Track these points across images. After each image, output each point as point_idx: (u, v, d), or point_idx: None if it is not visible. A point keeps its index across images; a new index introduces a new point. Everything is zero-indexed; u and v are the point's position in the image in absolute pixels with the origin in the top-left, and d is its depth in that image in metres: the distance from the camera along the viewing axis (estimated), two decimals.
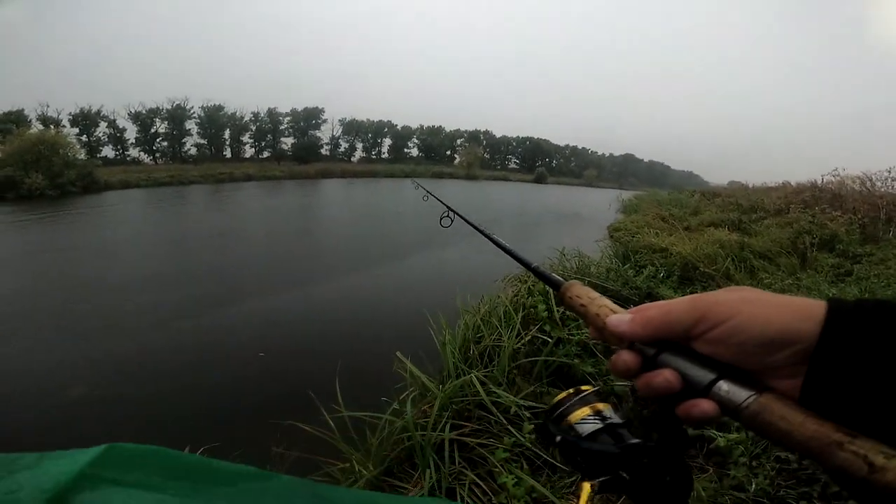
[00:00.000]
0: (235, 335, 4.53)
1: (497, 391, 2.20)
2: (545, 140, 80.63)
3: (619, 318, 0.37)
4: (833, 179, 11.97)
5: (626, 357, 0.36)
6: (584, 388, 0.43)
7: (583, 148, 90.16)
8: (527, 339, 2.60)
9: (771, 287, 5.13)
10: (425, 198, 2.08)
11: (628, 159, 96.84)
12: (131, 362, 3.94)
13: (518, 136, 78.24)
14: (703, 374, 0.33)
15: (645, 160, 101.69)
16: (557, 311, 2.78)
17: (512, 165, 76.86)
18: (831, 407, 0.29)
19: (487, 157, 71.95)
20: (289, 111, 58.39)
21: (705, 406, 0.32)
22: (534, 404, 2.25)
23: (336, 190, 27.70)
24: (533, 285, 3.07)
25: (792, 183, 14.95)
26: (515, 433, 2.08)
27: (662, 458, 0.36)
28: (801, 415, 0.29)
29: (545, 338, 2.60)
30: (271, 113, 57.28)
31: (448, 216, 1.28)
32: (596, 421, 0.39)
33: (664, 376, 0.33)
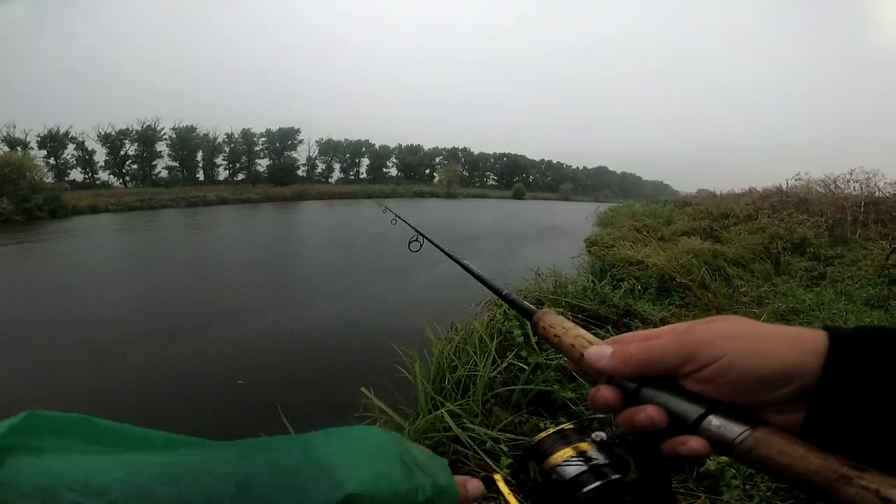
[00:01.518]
0: (198, 365, 4.25)
1: (471, 426, 2.05)
2: (522, 156, 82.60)
3: (599, 353, 0.35)
4: (797, 183, 12.50)
5: (605, 393, 0.34)
6: (565, 426, 0.41)
7: (558, 162, 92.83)
8: (503, 366, 2.47)
9: (747, 294, 5.15)
10: (394, 221, 1.95)
11: (602, 172, 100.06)
12: (100, 393, 3.70)
13: (495, 153, 79.99)
14: (691, 410, 0.31)
15: (618, 172, 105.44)
16: (534, 336, 2.68)
17: (490, 182, 78.17)
18: (835, 442, 0.27)
19: (466, 174, 72.93)
20: (263, 131, 58.01)
21: (694, 444, 0.30)
22: (512, 436, 2.11)
23: (312, 213, 27.24)
24: (508, 309, 2.96)
25: (758, 189, 15.41)
26: (494, 467, 1.95)
27: (644, 495, 0.34)
28: (801, 448, 0.27)
29: (522, 364, 2.48)
30: (245, 134, 56.83)
31: (417, 240, 1.23)
32: (580, 463, 0.36)
33: (647, 413, 0.31)
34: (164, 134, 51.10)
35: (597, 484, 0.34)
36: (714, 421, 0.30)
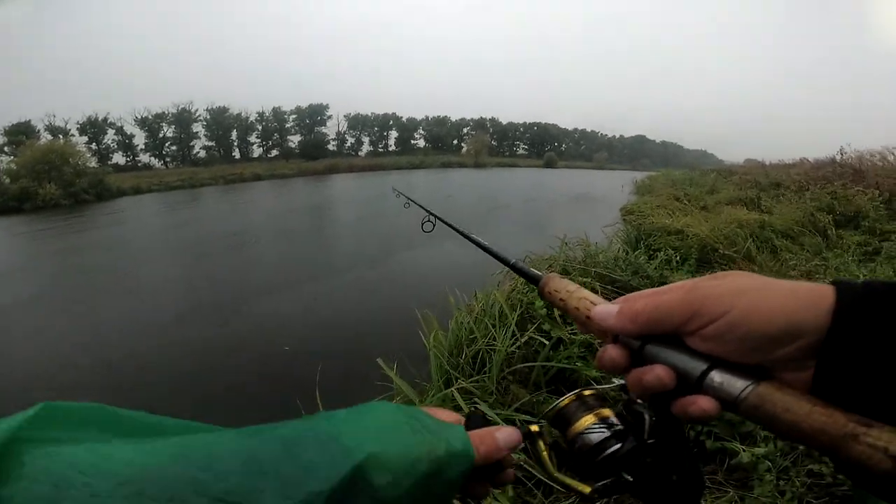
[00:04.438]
0: (231, 338, 4.39)
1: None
2: (553, 125, 79.39)
3: (606, 311, 0.35)
4: (853, 154, 11.43)
5: (612, 352, 0.34)
6: (586, 392, 0.41)
7: (592, 131, 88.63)
8: (523, 340, 2.30)
9: (796, 268, 4.76)
10: (407, 205, 1.83)
11: (640, 140, 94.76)
12: (149, 365, 3.90)
13: (525, 122, 77.25)
14: (694, 365, 0.30)
15: (657, 140, 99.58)
16: (541, 301, 2.47)
17: (520, 151, 75.92)
18: (844, 398, 0.26)
19: (495, 144, 71.12)
20: (293, 109, 58.50)
21: (703, 403, 0.29)
22: (529, 417, 1.97)
23: (344, 186, 27.48)
24: None
25: (809, 159, 14.37)
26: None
27: (665, 457, 0.35)
28: (807, 404, 0.26)
29: (543, 339, 2.29)
30: (276, 112, 57.54)
31: (430, 221, 1.21)
32: (602, 429, 0.38)
33: (655, 373, 0.31)
34: (199, 115, 52.60)
35: (617, 446, 0.35)
36: (717, 377, 0.29)
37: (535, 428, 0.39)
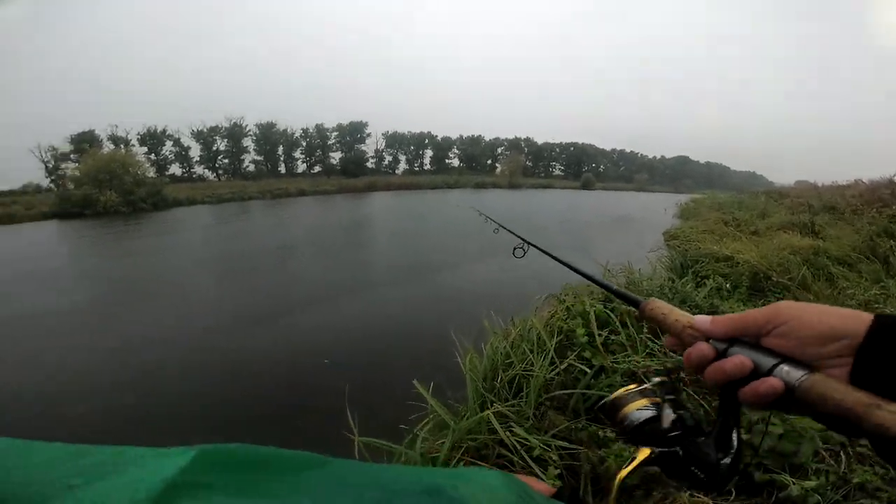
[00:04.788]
0: (267, 349, 4.50)
1: (519, 431, 1.87)
2: (590, 145, 78.34)
3: (704, 319, 0.44)
4: None
5: (702, 347, 0.42)
6: (647, 385, 0.49)
7: (631, 151, 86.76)
8: (562, 367, 2.24)
9: (854, 297, 4.44)
10: (496, 231, 1.86)
11: (682, 161, 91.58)
12: (190, 372, 4.06)
13: (561, 142, 76.67)
14: (768, 360, 0.39)
15: (701, 161, 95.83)
16: (600, 335, 2.39)
17: (556, 172, 75.20)
18: (876, 388, 0.34)
19: (530, 164, 70.86)
20: (335, 126, 61.05)
21: (772, 381, 0.37)
22: (567, 444, 1.90)
23: (385, 203, 28.09)
24: (571, 306, 2.69)
25: (864, 180, 13.54)
26: (541, 475, 1.75)
27: (717, 440, 0.42)
28: (844, 388, 0.34)
29: (584, 367, 2.22)
30: (319, 128, 60.23)
31: (522, 248, 1.22)
32: (650, 409, 0.47)
33: (737, 361, 0.39)
34: (249, 130, 55.83)
35: (673, 416, 0.45)
36: (784, 367, 0.37)
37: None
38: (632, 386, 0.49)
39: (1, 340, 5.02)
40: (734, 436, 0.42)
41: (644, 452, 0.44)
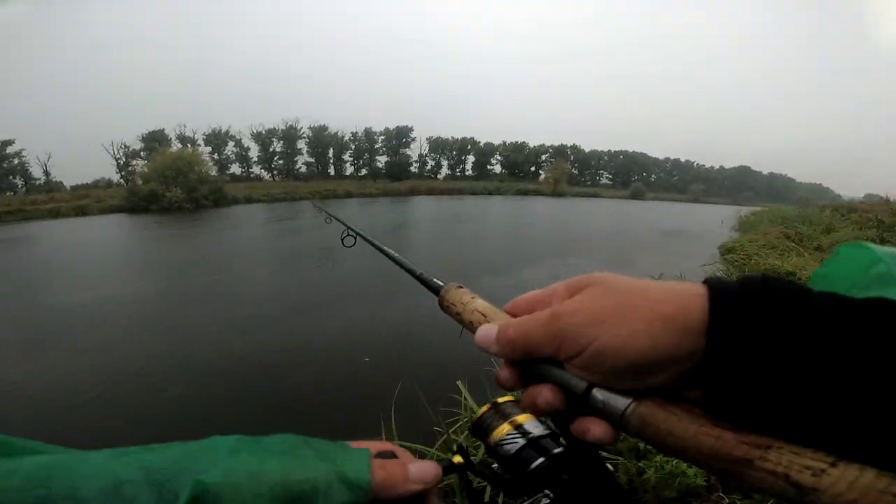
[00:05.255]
0: (318, 349, 4.68)
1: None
2: (641, 153, 75.51)
3: (487, 336, 0.33)
4: None
5: (504, 373, 0.32)
6: (500, 399, 0.39)
7: (686, 161, 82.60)
8: None
9: None
10: (328, 220, 1.80)
11: (743, 172, 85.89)
12: (234, 363, 4.24)
13: (610, 150, 74.44)
14: (577, 383, 0.28)
15: (764, 172, 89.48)
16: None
17: (604, 181, 73.00)
18: (738, 416, 0.23)
19: (576, 172, 69.23)
20: (382, 130, 62.88)
21: (595, 429, 0.28)
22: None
23: (424, 206, 28.51)
24: None
25: None
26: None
27: (580, 472, 0.33)
28: (692, 424, 0.24)
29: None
30: (367, 132, 62.29)
31: (350, 235, 1.21)
32: (517, 438, 0.36)
33: (544, 396, 0.30)
34: (303, 132, 58.78)
35: (540, 461, 0.34)
36: (598, 395, 0.27)
37: (457, 459, 0.36)
38: (489, 405, 0.39)
39: (80, 326, 5.55)
40: (598, 462, 0.33)
41: None
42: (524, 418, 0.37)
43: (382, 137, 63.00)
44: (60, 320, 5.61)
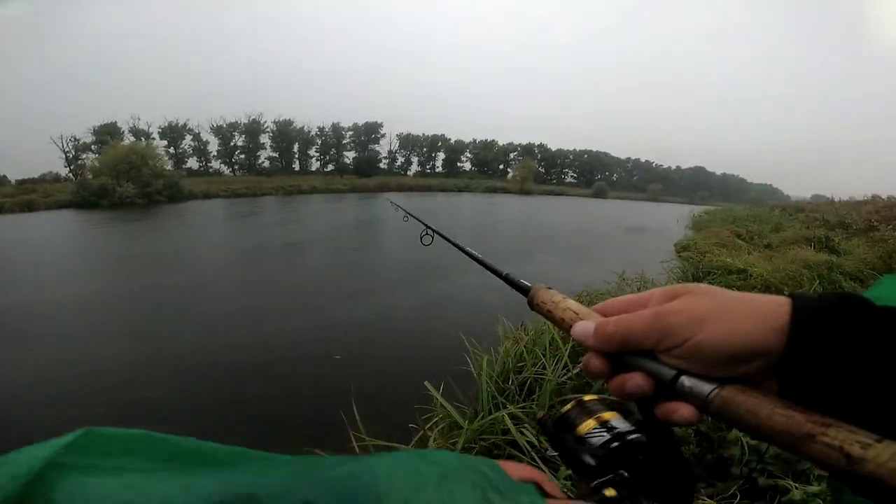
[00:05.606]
0: (281, 347, 4.55)
1: (531, 432, 1.90)
2: (605, 153, 77.93)
3: (584, 331, 0.37)
4: None
5: (595, 361, 0.36)
6: (586, 397, 0.42)
7: (646, 161, 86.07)
8: (574, 372, 2.27)
9: None
10: (405, 218, 1.79)
11: (699, 172, 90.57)
12: (188, 366, 4.06)
13: (575, 150, 76.35)
14: (666, 371, 0.32)
15: (718, 173, 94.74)
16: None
17: (569, 179, 74.84)
18: (809, 402, 0.28)
19: (542, 171, 70.61)
20: (350, 125, 61.68)
21: (682, 410, 0.32)
22: None
23: (397, 203, 28.16)
24: None
25: (883, 196, 13.78)
26: (552, 476, 1.79)
27: (655, 455, 0.36)
28: (768, 405, 0.28)
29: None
30: (335, 127, 60.89)
31: (428, 234, 1.25)
32: (603, 432, 0.38)
33: (636, 381, 0.33)
34: (267, 127, 56.70)
35: (617, 444, 0.36)
36: (686, 381, 0.31)
37: (610, 493, 0.38)
38: (574, 402, 0.42)
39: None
40: (673, 444, 0.37)
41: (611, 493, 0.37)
42: (610, 415, 0.39)
43: (351, 133, 61.78)
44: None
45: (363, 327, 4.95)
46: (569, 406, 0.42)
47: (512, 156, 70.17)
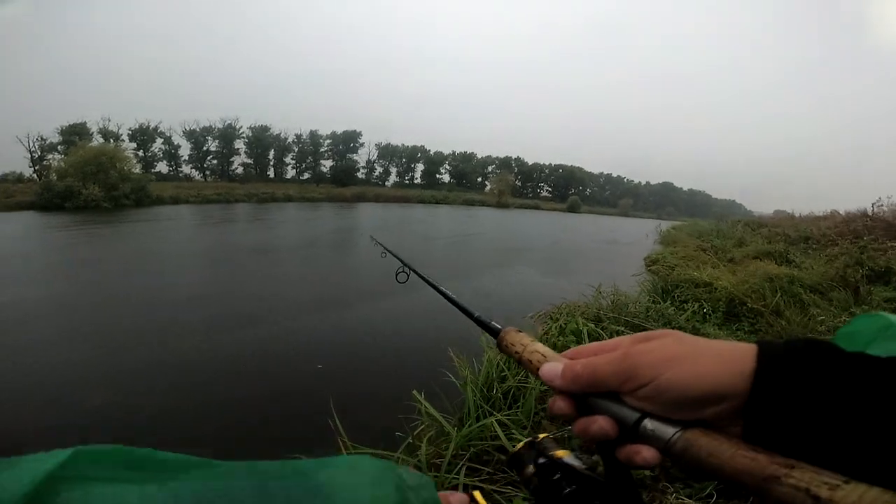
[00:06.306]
0: (259, 357, 4.48)
1: (520, 436, 2.00)
2: (579, 168, 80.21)
3: (552, 372, 0.38)
4: (887, 208, 11.23)
5: (560, 403, 0.37)
6: (540, 436, 0.43)
7: (618, 176, 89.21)
8: None
9: (824, 324, 4.78)
10: (383, 255, 1.70)
11: (667, 188, 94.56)
12: (152, 376, 3.91)
13: (550, 164, 78.29)
14: (630, 414, 0.33)
15: (685, 189, 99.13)
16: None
17: (544, 193, 76.56)
18: (773, 446, 0.28)
19: (519, 184, 71.98)
20: (329, 134, 61.22)
21: (644, 452, 0.32)
22: None
23: (370, 213, 28.16)
24: (565, 324, 2.86)
25: (841, 212, 14.03)
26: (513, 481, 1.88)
27: (612, 498, 0.37)
28: (730, 447, 0.28)
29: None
30: (313, 135, 60.29)
31: (404, 272, 1.21)
32: (556, 473, 0.40)
33: (599, 424, 0.34)
34: (242, 132, 55.57)
35: (572, 488, 0.38)
36: (649, 424, 0.32)
37: (476, 493, 0.41)
38: (525, 441, 0.44)
39: None
40: (632, 489, 0.37)
41: None
42: (562, 453, 0.41)
43: (329, 141, 61.24)
44: None
45: (343, 338, 4.94)
46: (520, 445, 0.43)
47: (490, 168, 71.27)
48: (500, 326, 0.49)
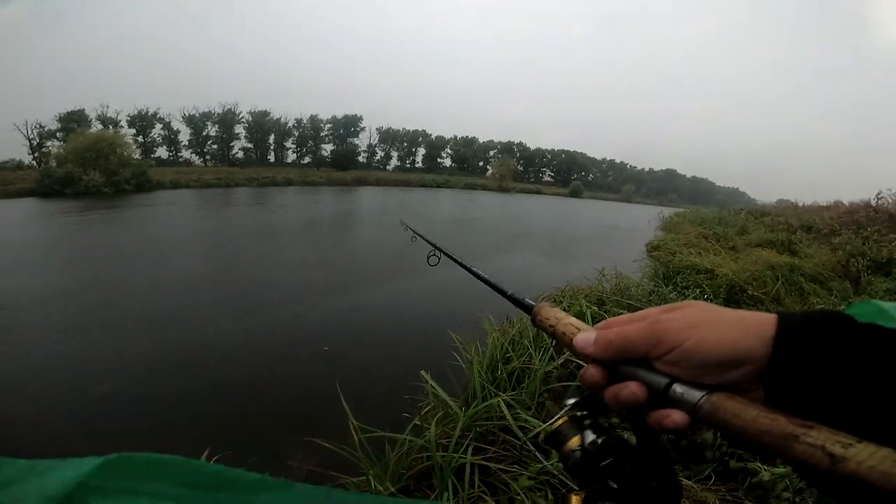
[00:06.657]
0: (266, 340, 4.53)
1: (525, 416, 2.06)
2: (581, 153, 79.42)
3: (585, 340, 0.40)
4: (890, 199, 11.21)
5: (592, 371, 0.38)
6: (579, 412, 0.43)
7: (621, 162, 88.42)
8: (559, 362, 2.43)
9: None
10: (413, 239, 1.71)
11: (670, 175, 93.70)
12: (160, 361, 3.94)
13: (553, 149, 77.49)
14: (659, 380, 0.35)
15: (688, 176, 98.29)
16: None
17: (546, 178, 75.99)
18: (792, 409, 0.30)
19: (521, 169, 71.39)
20: (329, 118, 60.56)
21: (675, 416, 0.33)
22: None
23: (372, 197, 28.04)
24: (569, 306, 2.90)
25: (844, 202, 14.16)
26: (542, 460, 1.93)
27: (644, 464, 0.38)
28: (753, 410, 0.30)
29: (581, 362, 2.42)
30: (313, 119, 59.63)
31: (435, 255, 1.25)
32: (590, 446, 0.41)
33: (630, 389, 0.35)
34: (242, 117, 54.97)
35: (609, 460, 0.39)
36: (678, 388, 0.34)
37: (575, 498, 0.41)
38: (565, 417, 0.43)
39: None
40: (662, 454, 0.38)
41: (573, 502, 0.39)
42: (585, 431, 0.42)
43: (329, 126, 60.62)
44: None
45: (348, 320, 4.99)
46: (560, 421, 0.43)
47: (491, 153, 70.58)
48: (532, 303, 0.51)
